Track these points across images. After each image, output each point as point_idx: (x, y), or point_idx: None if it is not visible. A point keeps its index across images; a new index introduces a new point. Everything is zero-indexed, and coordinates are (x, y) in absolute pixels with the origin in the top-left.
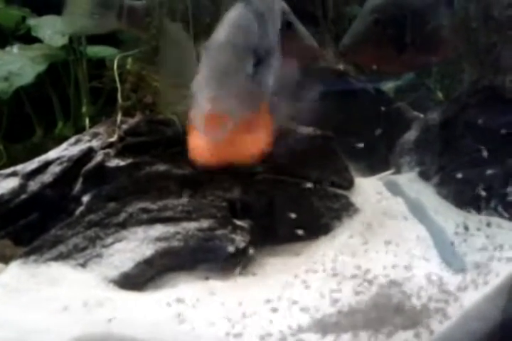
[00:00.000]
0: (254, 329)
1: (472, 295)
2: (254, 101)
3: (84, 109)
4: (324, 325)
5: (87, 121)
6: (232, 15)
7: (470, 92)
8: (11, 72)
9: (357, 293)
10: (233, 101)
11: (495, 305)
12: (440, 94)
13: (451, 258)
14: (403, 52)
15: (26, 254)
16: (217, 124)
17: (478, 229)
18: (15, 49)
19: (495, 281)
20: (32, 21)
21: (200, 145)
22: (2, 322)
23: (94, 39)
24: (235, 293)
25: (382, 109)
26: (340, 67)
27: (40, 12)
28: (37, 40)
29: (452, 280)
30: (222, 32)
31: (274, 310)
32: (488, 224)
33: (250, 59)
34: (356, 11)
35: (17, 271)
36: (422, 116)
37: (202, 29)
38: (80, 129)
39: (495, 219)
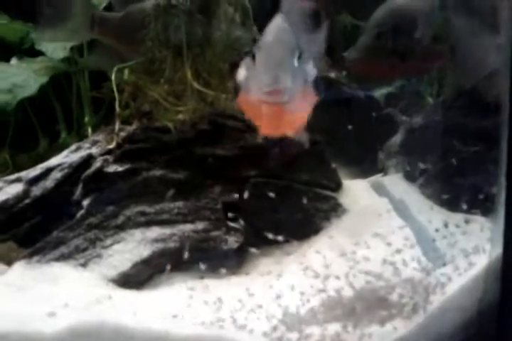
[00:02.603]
0: (241, 324)
1: (450, 287)
2: (300, 84)
3: (86, 119)
4: (304, 319)
5: (89, 130)
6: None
7: (453, 96)
8: (14, 84)
9: (343, 288)
10: (287, 80)
11: (471, 296)
12: (430, 100)
13: (432, 253)
14: (404, 61)
15: (30, 255)
16: (278, 96)
17: (457, 226)
18: (13, 61)
19: (470, 273)
20: (35, 35)
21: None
22: (5, 314)
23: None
24: (227, 291)
25: (373, 114)
26: (332, 75)
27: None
28: (42, 53)
29: (433, 274)
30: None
31: (261, 306)
32: (467, 222)
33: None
34: (346, 21)
35: (21, 271)
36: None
37: (196, 42)
38: (83, 139)
39: (473, 217)
